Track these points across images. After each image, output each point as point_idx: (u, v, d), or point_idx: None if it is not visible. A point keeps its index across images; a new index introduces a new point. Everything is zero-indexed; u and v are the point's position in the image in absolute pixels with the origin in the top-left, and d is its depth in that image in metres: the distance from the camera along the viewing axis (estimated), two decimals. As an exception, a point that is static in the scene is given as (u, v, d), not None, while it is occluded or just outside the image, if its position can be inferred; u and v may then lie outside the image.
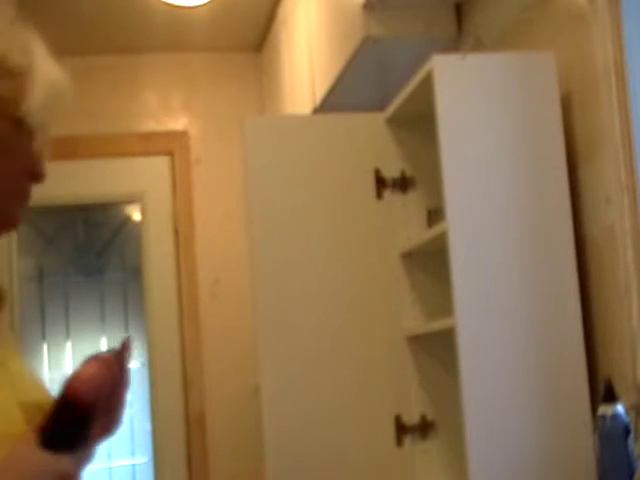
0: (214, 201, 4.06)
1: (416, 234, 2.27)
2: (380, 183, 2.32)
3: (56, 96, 1.13)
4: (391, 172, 2.33)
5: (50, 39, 1.28)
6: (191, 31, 3.92)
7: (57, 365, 4.30)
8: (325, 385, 2.24)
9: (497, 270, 1.90)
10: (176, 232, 4.04)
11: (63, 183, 4.19)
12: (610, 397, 1.63)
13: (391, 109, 2.28)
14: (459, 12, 2.57)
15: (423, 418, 2.25)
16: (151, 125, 4.24)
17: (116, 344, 1.11)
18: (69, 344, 4.32)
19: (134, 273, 4.28)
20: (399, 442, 2.23)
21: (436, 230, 2.02)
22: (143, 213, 4.27)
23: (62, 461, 0.96)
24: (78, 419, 1.02)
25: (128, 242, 4.38)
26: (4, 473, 0.92)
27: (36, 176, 1.15)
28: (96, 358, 1.06)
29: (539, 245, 1.93)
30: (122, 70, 4.24)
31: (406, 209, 2.35)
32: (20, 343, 1.13)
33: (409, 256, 2.31)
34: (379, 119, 2.34)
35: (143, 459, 4.15)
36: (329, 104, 2.95)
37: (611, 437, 1.62)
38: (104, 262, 4.37)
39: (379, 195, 2.33)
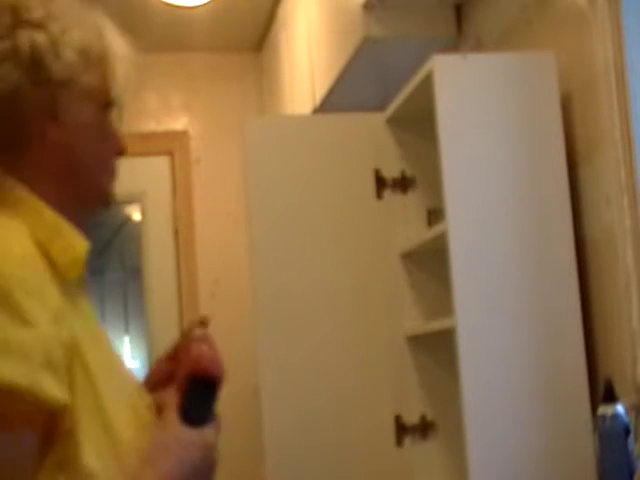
0: (214, 201, 4.06)
1: (416, 234, 2.27)
2: (380, 183, 2.32)
3: (131, 70, 1.20)
4: (391, 172, 2.33)
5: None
6: (191, 31, 3.92)
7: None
8: (325, 385, 2.24)
9: (497, 270, 1.90)
10: (176, 232, 4.04)
11: (63, 183, 4.19)
12: (610, 397, 1.63)
13: (391, 109, 2.28)
14: (459, 12, 2.57)
15: (423, 418, 2.25)
16: (151, 125, 4.24)
17: (196, 322, 1.22)
18: (69, 344, 4.33)
19: (134, 273, 4.28)
20: (399, 442, 2.23)
21: (436, 230, 2.02)
22: (143, 213, 4.27)
23: (205, 433, 1.07)
24: (211, 394, 1.13)
25: (128, 242, 4.38)
26: (161, 453, 1.02)
27: (122, 152, 1.22)
28: (201, 338, 1.17)
29: (539, 245, 1.93)
30: (122, 70, 4.24)
31: (406, 209, 2.35)
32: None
33: (409, 256, 2.31)
34: (379, 119, 2.34)
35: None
36: (329, 104, 2.95)
37: (611, 437, 1.62)
38: (104, 262, 4.38)
39: (379, 195, 2.33)
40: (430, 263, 2.27)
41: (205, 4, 3.51)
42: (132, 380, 1.15)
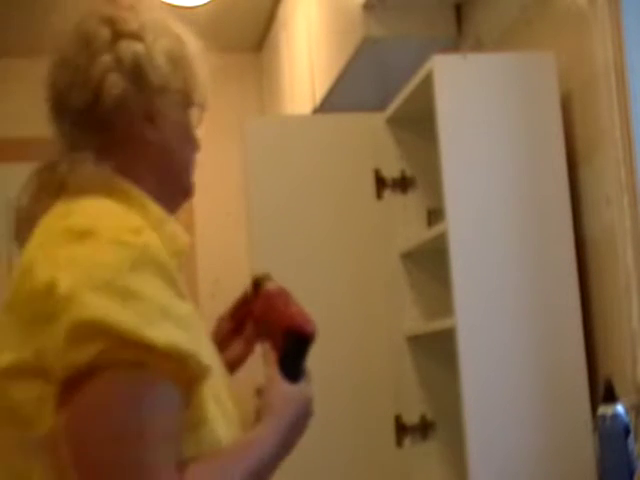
0: (214, 201, 4.06)
1: (416, 234, 2.27)
2: (380, 183, 2.32)
3: (208, 71, 1.29)
4: (391, 172, 2.33)
5: (51, 39, 1.29)
6: (191, 31, 3.91)
7: (57, 365, 4.31)
8: (325, 385, 2.24)
9: (497, 270, 1.90)
10: (176, 232, 4.04)
11: (63, 183, 4.19)
12: (610, 397, 1.63)
13: (391, 109, 2.28)
14: (459, 12, 2.57)
15: (423, 418, 2.25)
16: (151, 125, 4.23)
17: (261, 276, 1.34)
18: (69, 344, 4.33)
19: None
20: (399, 442, 2.23)
21: (436, 230, 2.02)
22: (143, 213, 4.26)
23: (304, 389, 1.19)
24: (305, 350, 1.23)
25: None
26: (272, 412, 1.13)
27: (198, 148, 1.31)
28: (280, 293, 1.29)
29: (539, 245, 1.93)
30: (122, 70, 4.24)
31: (406, 209, 2.35)
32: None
33: (409, 256, 2.31)
34: (379, 119, 2.34)
35: (143, 459, 4.15)
36: (329, 104, 2.95)
37: (611, 437, 1.62)
38: (104, 262, 4.38)
39: (379, 195, 2.33)
40: (430, 263, 2.27)
41: (205, 4, 3.51)
42: (219, 356, 1.23)
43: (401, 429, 2.23)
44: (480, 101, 1.95)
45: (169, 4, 3.47)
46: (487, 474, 1.83)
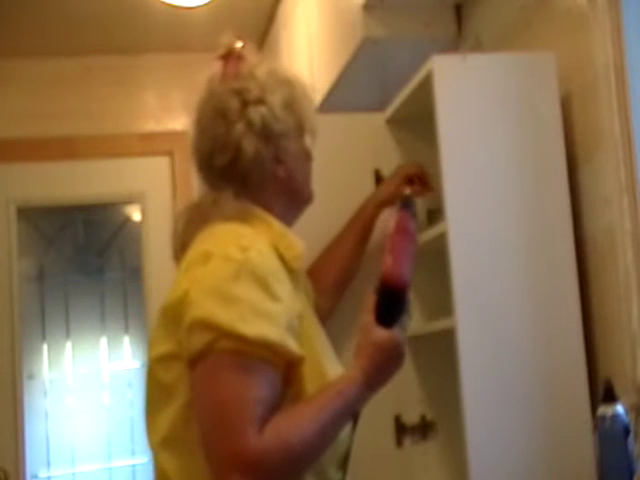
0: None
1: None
2: (380, 183, 2.31)
3: (312, 100, 1.65)
4: (391, 172, 2.33)
5: (50, 39, 1.30)
6: (191, 31, 3.92)
7: (57, 365, 4.30)
8: (325, 385, 2.24)
9: (497, 270, 1.90)
10: (176, 232, 4.04)
11: (63, 183, 4.19)
12: (610, 397, 1.63)
13: (391, 109, 2.28)
14: (459, 12, 2.57)
15: (423, 418, 2.25)
16: (151, 125, 4.24)
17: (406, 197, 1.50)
18: (69, 344, 4.32)
19: (134, 273, 4.28)
20: (399, 442, 2.23)
21: (436, 230, 2.02)
22: (143, 213, 4.27)
23: (395, 332, 1.40)
24: (398, 299, 1.40)
25: (128, 242, 4.38)
26: (361, 355, 1.39)
27: (313, 158, 1.64)
28: (399, 240, 1.43)
29: (539, 245, 1.93)
30: (122, 70, 4.24)
31: (406, 209, 2.35)
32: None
33: (409, 256, 2.31)
34: (379, 119, 2.34)
35: (143, 459, 4.15)
36: (329, 104, 2.95)
37: (611, 437, 1.62)
38: (104, 262, 4.37)
39: (379, 195, 2.32)
40: (430, 263, 2.27)
41: (205, 4, 3.51)
42: (329, 344, 1.54)
43: (401, 429, 2.23)
44: (480, 101, 1.95)
45: (169, 4, 3.47)
46: (487, 474, 1.83)
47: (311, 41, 3.11)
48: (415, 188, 2.09)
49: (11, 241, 4.12)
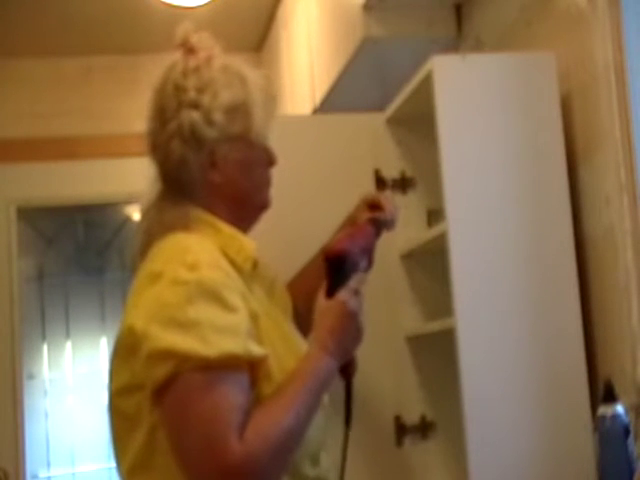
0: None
1: (416, 234, 2.27)
2: (380, 183, 2.31)
3: (272, 100, 1.55)
4: (391, 172, 2.33)
5: (50, 39, 1.31)
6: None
7: (57, 365, 4.30)
8: (325, 385, 2.24)
9: (497, 270, 1.90)
10: (176, 232, 4.04)
11: (63, 183, 4.19)
12: (610, 397, 1.63)
13: (391, 109, 2.28)
14: (459, 12, 2.57)
15: (423, 418, 2.25)
16: (151, 125, 4.23)
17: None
18: (69, 344, 4.33)
19: (134, 273, 4.28)
20: (399, 442, 2.23)
21: (436, 230, 2.02)
22: (143, 213, 4.26)
23: (338, 295, 1.43)
24: (338, 268, 1.44)
25: (128, 242, 4.38)
26: (317, 322, 1.43)
27: (272, 163, 1.58)
28: (356, 231, 1.57)
29: (539, 245, 1.93)
30: (122, 70, 4.24)
31: (406, 209, 2.35)
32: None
33: (409, 256, 2.31)
34: (379, 119, 2.34)
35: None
36: (329, 104, 2.95)
37: (611, 437, 1.62)
38: (104, 262, 4.38)
39: (379, 195, 2.32)
40: (430, 263, 2.27)
41: (205, 4, 3.52)
42: (299, 339, 1.53)
43: (401, 429, 2.23)
44: (480, 101, 1.95)
45: (169, 4, 3.47)
46: (487, 474, 1.83)
47: (311, 41, 3.11)
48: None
49: (11, 241, 4.12)
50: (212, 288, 1.30)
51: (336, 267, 1.44)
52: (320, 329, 1.41)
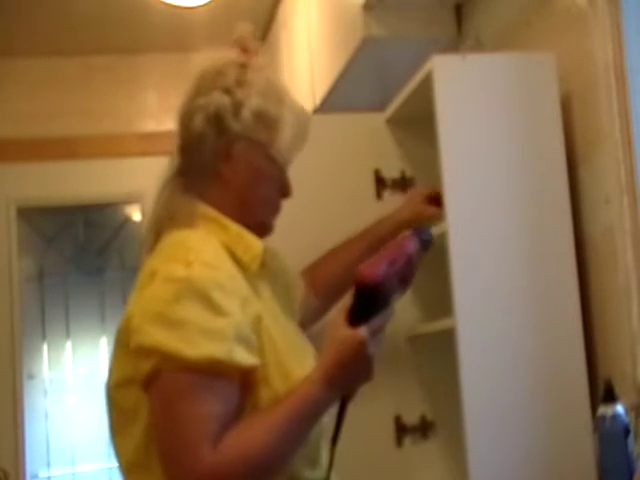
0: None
1: (416, 234, 2.27)
2: (380, 183, 2.31)
3: (303, 132, 1.56)
4: (391, 172, 2.33)
5: (50, 39, 1.31)
6: (191, 31, 3.92)
7: (57, 365, 4.30)
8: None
9: (497, 270, 1.90)
10: (176, 232, 4.04)
11: (63, 183, 4.19)
12: (610, 397, 1.63)
13: (391, 109, 2.28)
14: (459, 12, 2.57)
15: (423, 418, 2.25)
16: (151, 125, 4.24)
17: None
18: (69, 344, 4.32)
19: (134, 273, 4.27)
20: (399, 442, 2.23)
21: (436, 230, 2.01)
22: (143, 213, 4.27)
23: (360, 330, 1.31)
24: (369, 298, 1.32)
25: (128, 242, 4.38)
26: (330, 351, 1.33)
27: (286, 194, 1.58)
28: (391, 254, 1.38)
29: (539, 245, 1.93)
30: (122, 70, 4.24)
31: (406, 209, 2.35)
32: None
33: (409, 256, 2.31)
34: (379, 119, 2.34)
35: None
36: (329, 104, 2.95)
37: (611, 437, 1.62)
38: (104, 262, 4.37)
39: (379, 195, 2.32)
40: (430, 263, 2.27)
41: (205, 4, 3.52)
42: (304, 341, 1.52)
43: (401, 429, 2.23)
44: (480, 101, 1.95)
45: (169, 4, 3.47)
46: (487, 474, 1.83)
47: (311, 41, 3.11)
48: (437, 212, 1.98)
49: (11, 241, 4.12)
50: (202, 288, 1.29)
51: (366, 296, 1.33)
52: (330, 357, 1.33)
